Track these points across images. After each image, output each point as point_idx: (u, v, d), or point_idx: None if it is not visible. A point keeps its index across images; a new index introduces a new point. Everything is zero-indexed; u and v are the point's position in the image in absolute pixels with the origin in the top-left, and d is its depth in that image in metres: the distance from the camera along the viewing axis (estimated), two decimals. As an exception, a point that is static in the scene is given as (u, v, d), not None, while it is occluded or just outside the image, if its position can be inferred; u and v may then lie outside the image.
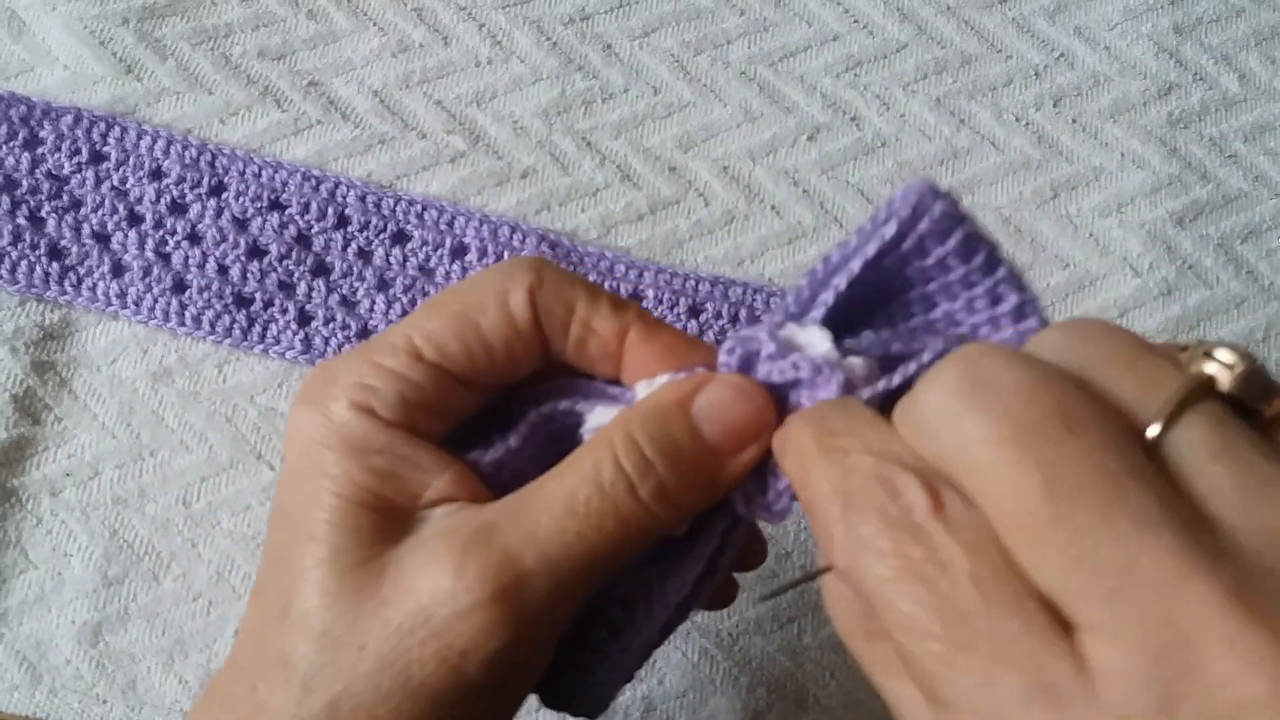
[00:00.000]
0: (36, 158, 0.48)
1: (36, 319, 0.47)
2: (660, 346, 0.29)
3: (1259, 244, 0.53)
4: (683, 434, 0.27)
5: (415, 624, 0.26)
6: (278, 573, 0.28)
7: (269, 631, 0.27)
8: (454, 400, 0.29)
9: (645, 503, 0.27)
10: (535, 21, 0.53)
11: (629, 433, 0.27)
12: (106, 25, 0.51)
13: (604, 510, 0.26)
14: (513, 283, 0.29)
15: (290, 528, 0.28)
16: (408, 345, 0.28)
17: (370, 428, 0.28)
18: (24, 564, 0.45)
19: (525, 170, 0.51)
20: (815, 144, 0.52)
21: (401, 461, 0.28)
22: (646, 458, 0.27)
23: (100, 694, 0.44)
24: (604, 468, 0.27)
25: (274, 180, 0.49)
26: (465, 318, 0.29)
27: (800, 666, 0.46)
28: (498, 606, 0.25)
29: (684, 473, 0.27)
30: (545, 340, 0.29)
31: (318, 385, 0.29)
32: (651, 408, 0.28)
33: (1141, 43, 0.55)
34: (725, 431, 0.27)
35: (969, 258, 0.27)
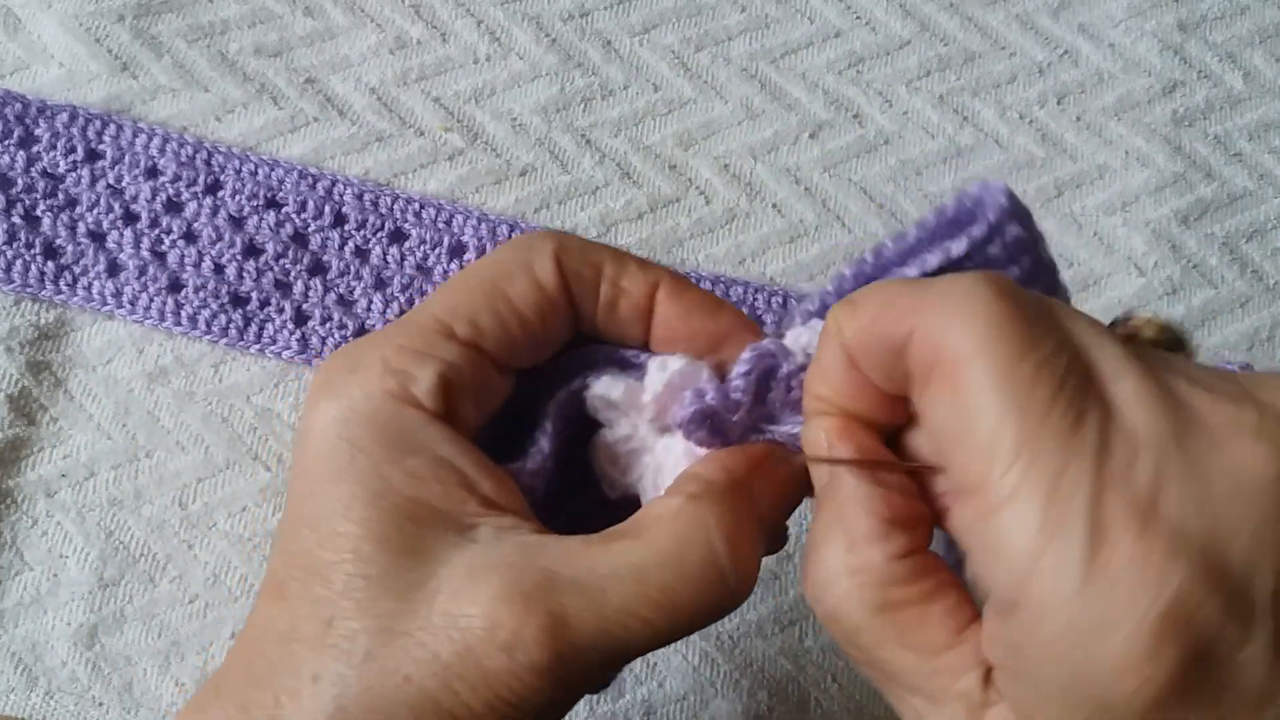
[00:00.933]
0: (31, 156, 0.48)
1: (31, 318, 0.47)
2: (689, 303, 0.28)
3: (1264, 243, 0.52)
4: (755, 514, 0.27)
5: (464, 667, 0.24)
6: (313, 584, 0.26)
7: (303, 646, 0.25)
8: (490, 385, 0.27)
9: (731, 589, 0.26)
10: (534, 18, 0.52)
11: (726, 520, 0.26)
12: (102, 22, 0.50)
13: (679, 599, 0.25)
14: (535, 252, 0.28)
15: (319, 538, 0.26)
16: (436, 324, 0.26)
17: (411, 422, 0.26)
18: (19, 566, 0.45)
19: (524, 168, 0.50)
20: (817, 141, 0.52)
21: (442, 464, 0.26)
22: (742, 544, 0.26)
23: (96, 696, 0.44)
24: (690, 552, 0.25)
25: (270, 178, 0.48)
26: (495, 289, 0.27)
27: (802, 670, 0.46)
28: (550, 671, 0.24)
29: (757, 555, 0.27)
30: (575, 307, 0.28)
31: (339, 375, 0.26)
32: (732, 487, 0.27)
33: (1146, 40, 0.54)
34: (784, 512, 0.28)
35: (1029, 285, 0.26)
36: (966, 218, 0.26)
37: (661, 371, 0.27)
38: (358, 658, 0.25)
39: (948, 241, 0.25)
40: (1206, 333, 0.51)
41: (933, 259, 0.26)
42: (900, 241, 0.27)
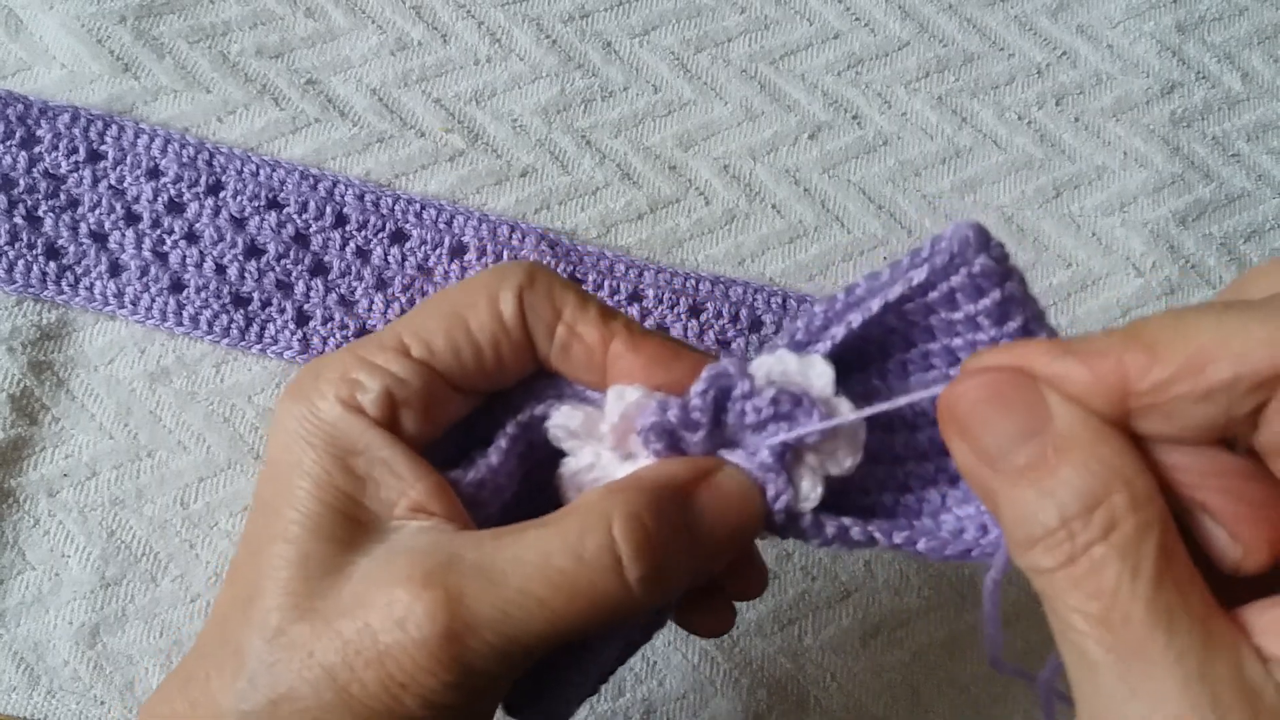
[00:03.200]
0: (34, 156, 0.48)
1: (34, 319, 0.47)
2: (645, 358, 0.28)
3: (1262, 243, 0.52)
4: (685, 523, 0.26)
5: (363, 643, 0.25)
6: (248, 564, 0.28)
7: (231, 621, 0.28)
8: (441, 402, 0.29)
9: (629, 584, 0.26)
10: (534, 19, 0.53)
11: (633, 511, 0.26)
12: (104, 23, 0.50)
13: (577, 584, 0.25)
14: (504, 284, 0.29)
15: (265, 521, 0.28)
16: (396, 342, 0.28)
17: (354, 425, 0.28)
18: (21, 565, 0.45)
19: (524, 169, 0.51)
20: (816, 142, 0.52)
21: (380, 465, 0.28)
22: (648, 541, 0.26)
23: (98, 695, 0.44)
24: (590, 538, 0.26)
25: (272, 179, 0.48)
26: (455, 316, 0.29)
27: (801, 668, 0.46)
28: (442, 648, 0.25)
29: (678, 561, 0.26)
30: (533, 344, 0.29)
31: (306, 379, 0.29)
32: (658, 488, 0.27)
33: (1144, 41, 0.54)
34: (725, 529, 0.27)
35: (1003, 321, 0.25)
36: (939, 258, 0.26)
37: (619, 400, 0.28)
38: (269, 633, 0.26)
39: (910, 271, 0.25)
40: (1204, 333, 0.51)
41: (895, 289, 0.26)
42: (873, 280, 0.27)
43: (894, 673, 0.46)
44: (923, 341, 0.27)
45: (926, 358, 0.28)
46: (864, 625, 0.47)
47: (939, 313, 0.26)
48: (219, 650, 0.27)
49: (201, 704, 0.27)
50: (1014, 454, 0.23)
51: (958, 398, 0.24)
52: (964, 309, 0.26)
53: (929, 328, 0.27)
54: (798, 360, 0.27)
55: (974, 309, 0.25)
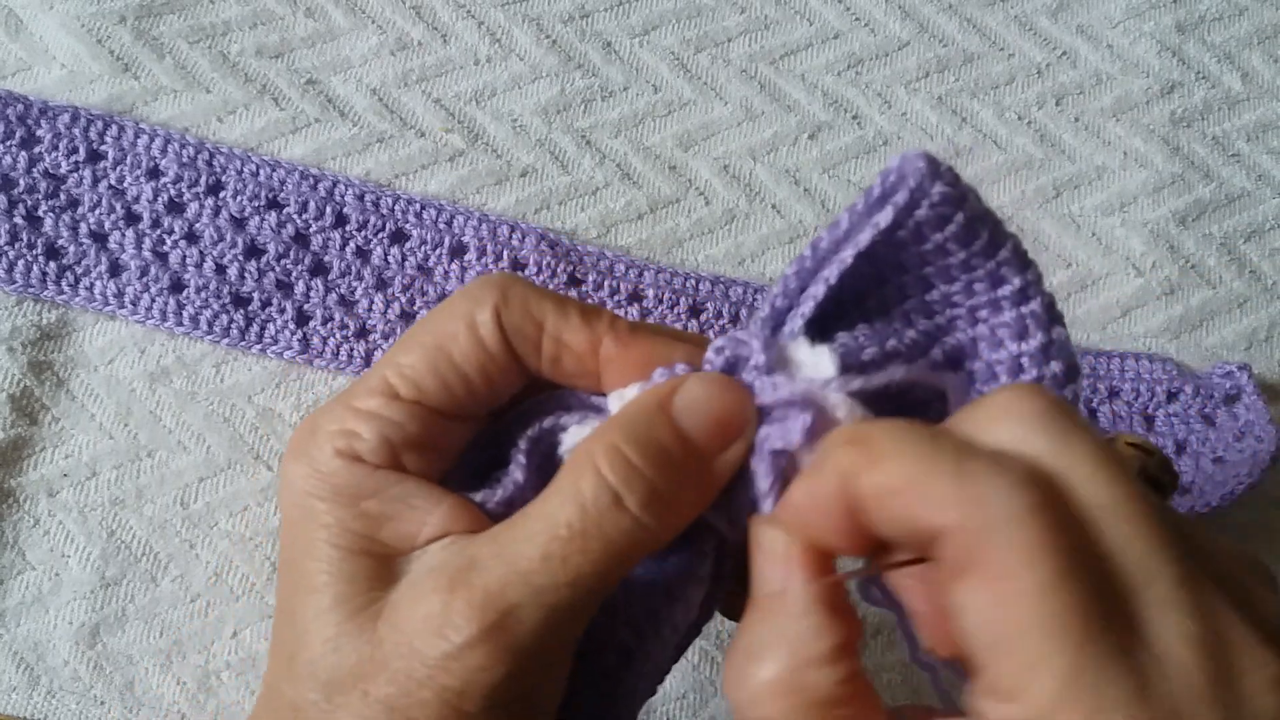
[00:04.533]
0: (33, 156, 0.48)
1: (34, 318, 0.47)
2: (637, 354, 0.28)
3: (1262, 243, 0.52)
4: (667, 435, 0.26)
5: (411, 666, 0.25)
6: (285, 625, 0.28)
7: (280, 682, 0.28)
8: (442, 434, 0.29)
9: (634, 514, 0.26)
10: (534, 19, 0.53)
11: (610, 442, 0.26)
12: (104, 23, 0.50)
13: (588, 530, 0.25)
14: (479, 306, 0.28)
15: (293, 580, 0.28)
16: (383, 386, 0.28)
17: (357, 473, 0.28)
18: (21, 565, 0.45)
19: (524, 169, 0.51)
20: (816, 142, 0.52)
21: (394, 502, 0.28)
22: (632, 465, 0.26)
23: (98, 695, 0.44)
24: (585, 484, 0.26)
25: (272, 179, 0.48)
26: (439, 350, 0.28)
27: (801, 668, 0.46)
28: (487, 643, 0.25)
29: (673, 475, 0.26)
30: (521, 361, 0.29)
31: (303, 437, 0.29)
32: (631, 413, 0.27)
33: (1144, 41, 0.54)
34: (710, 427, 0.27)
35: (969, 241, 0.26)
36: (892, 192, 0.26)
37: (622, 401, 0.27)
38: (319, 685, 0.26)
39: (875, 216, 0.25)
40: (1204, 333, 0.51)
41: (864, 236, 0.26)
42: (833, 230, 0.27)
43: (894, 672, 0.46)
44: (894, 275, 0.27)
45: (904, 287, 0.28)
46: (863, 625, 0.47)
47: (910, 248, 0.26)
48: (275, 713, 0.27)
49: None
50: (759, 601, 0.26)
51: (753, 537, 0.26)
52: (931, 239, 0.26)
53: (898, 262, 0.27)
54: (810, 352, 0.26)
55: (940, 237, 0.25)
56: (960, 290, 0.27)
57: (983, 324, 0.27)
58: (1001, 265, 0.26)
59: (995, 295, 0.26)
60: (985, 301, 0.27)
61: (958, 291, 0.27)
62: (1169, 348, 0.51)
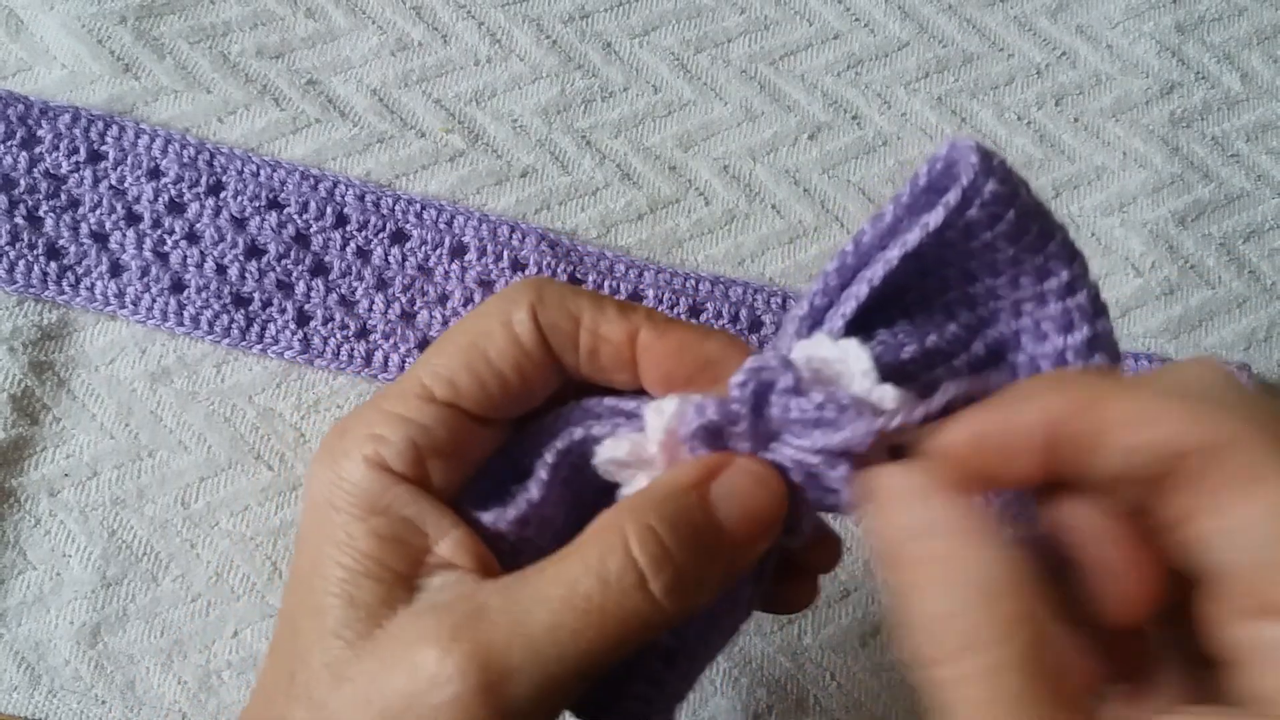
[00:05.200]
0: (34, 157, 0.48)
1: (34, 319, 0.47)
2: (674, 342, 0.28)
3: (1261, 243, 0.52)
4: (702, 522, 0.26)
5: (398, 709, 0.25)
6: (288, 637, 0.28)
7: (277, 695, 0.27)
8: (470, 441, 0.28)
9: (656, 598, 0.25)
10: (535, 20, 0.53)
11: (644, 522, 0.25)
12: (104, 24, 0.50)
13: (606, 607, 0.25)
14: (514, 305, 0.28)
15: (301, 593, 0.28)
16: (418, 388, 0.28)
17: (378, 484, 0.27)
18: (22, 565, 0.45)
19: (525, 169, 0.51)
20: (816, 143, 0.52)
21: (404, 524, 0.27)
22: (664, 549, 0.25)
23: (99, 695, 0.44)
24: (611, 559, 0.25)
25: (272, 179, 0.49)
26: (473, 348, 0.28)
27: (801, 668, 0.46)
28: (480, 702, 0.25)
29: (701, 564, 0.26)
30: (557, 359, 0.29)
31: (332, 440, 0.28)
32: (668, 491, 0.26)
33: (1143, 41, 0.55)
34: (745, 521, 0.26)
35: (1019, 237, 0.25)
36: (939, 183, 0.25)
37: (659, 417, 0.27)
38: (313, 707, 0.26)
39: (924, 215, 0.25)
40: (1204, 333, 0.51)
41: (912, 237, 0.25)
42: (878, 223, 0.26)
43: (893, 672, 0.46)
44: (936, 269, 0.26)
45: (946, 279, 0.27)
46: (863, 625, 0.47)
47: (955, 245, 0.25)
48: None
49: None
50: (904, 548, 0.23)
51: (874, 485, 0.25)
52: (980, 237, 0.25)
53: (941, 257, 0.26)
54: (836, 347, 0.26)
55: (990, 235, 0.25)
56: (1006, 283, 0.26)
57: (1027, 316, 0.26)
58: (1050, 259, 0.25)
59: (1041, 288, 0.26)
60: (1031, 294, 0.26)
61: (1003, 284, 0.26)
62: (1168, 348, 0.51)
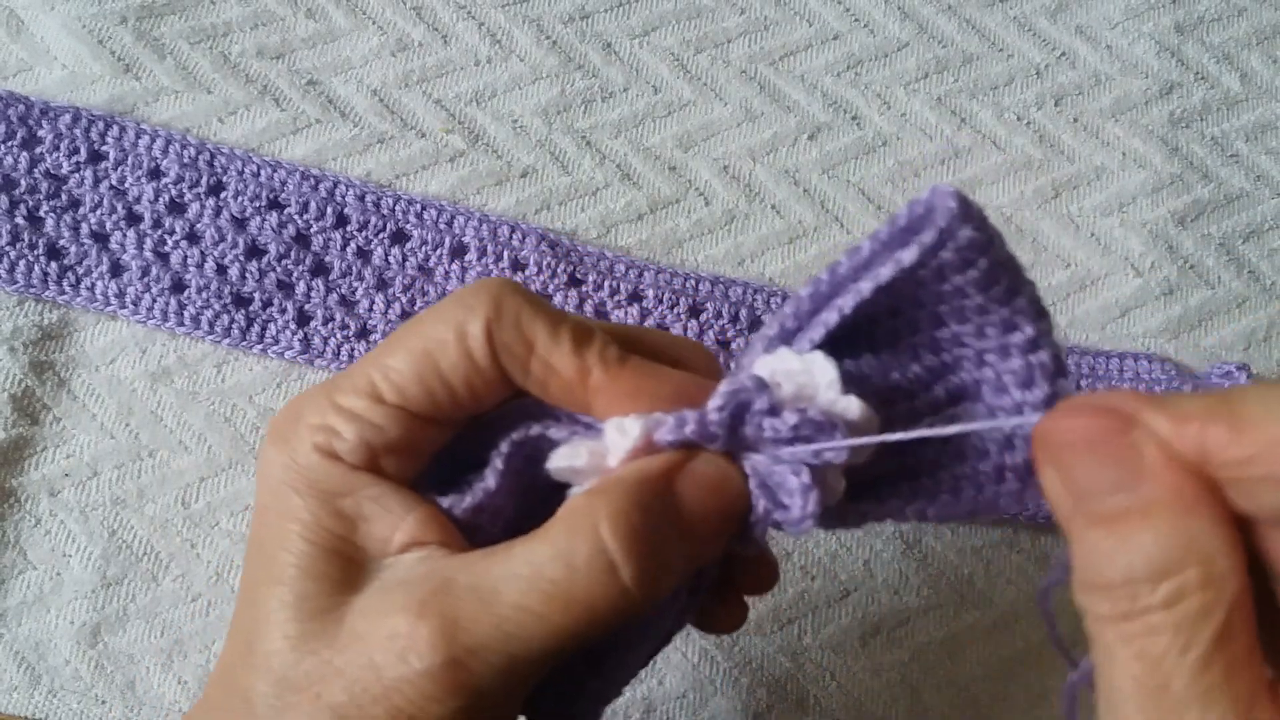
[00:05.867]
0: (35, 157, 0.48)
1: (35, 319, 0.47)
2: (626, 387, 0.28)
3: (1260, 243, 0.52)
4: (671, 512, 0.26)
5: (368, 680, 0.25)
6: (246, 612, 0.28)
7: (236, 669, 0.28)
8: (421, 437, 0.29)
9: (625, 585, 0.25)
10: (535, 20, 0.53)
11: (618, 508, 0.26)
12: (105, 24, 0.50)
13: (572, 592, 0.25)
14: (471, 315, 0.28)
15: (260, 566, 0.28)
16: (369, 387, 0.28)
17: (334, 471, 0.27)
18: (23, 564, 0.45)
19: (525, 169, 0.51)
20: (816, 143, 0.52)
21: (368, 504, 0.27)
22: (636, 535, 0.26)
23: (99, 694, 0.44)
24: (580, 545, 0.25)
25: (273, 179, 0.49)
26: (426, 357, 0.28)
27: (800, 668, 0.46)
28: (447, 676, 0.25)
29: (668, 552, 0.26)
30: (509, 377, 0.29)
31: (285, 423, 0.28)
32: (637, 481, 0.26)
33: (1143, 42, 0.55)
34: (711, 511, 0.27)
35: (988, 286, 0.25)
36: (918, 225, 0.25)
37: (623, 436, 0.27)
38: (274, 678, 0.26)
39: (899, 251, 0.25)
40: (1203, 333, 0.51)
41: (885, 271, 0.25)
42: (854, 256, 0.26)
43: (893, 672, 0.46)
44: (906, 308, 0.27)
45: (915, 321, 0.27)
46: (863, 625, 0.47)
47: (928, 286, 0.26)
48: (227, 699, 0.27)
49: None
50: (1100, 501, 0.23)
51: (1059, 431, 0.24)
52: (951, 281, 0.25)
53: (913, 297, 0.27)
54: (800, 360, 0.27)
55: (961, 280, 0.25)
56: (971, 332, 0.27)
57: (989, 368, 0.27)
58: (1016, 313, 0.26)
59: (1005, 341, 0.26)
60: (995, 346, 0.26)
61: (968, 333, 0.27)
62: (1168, 348, 0.51)
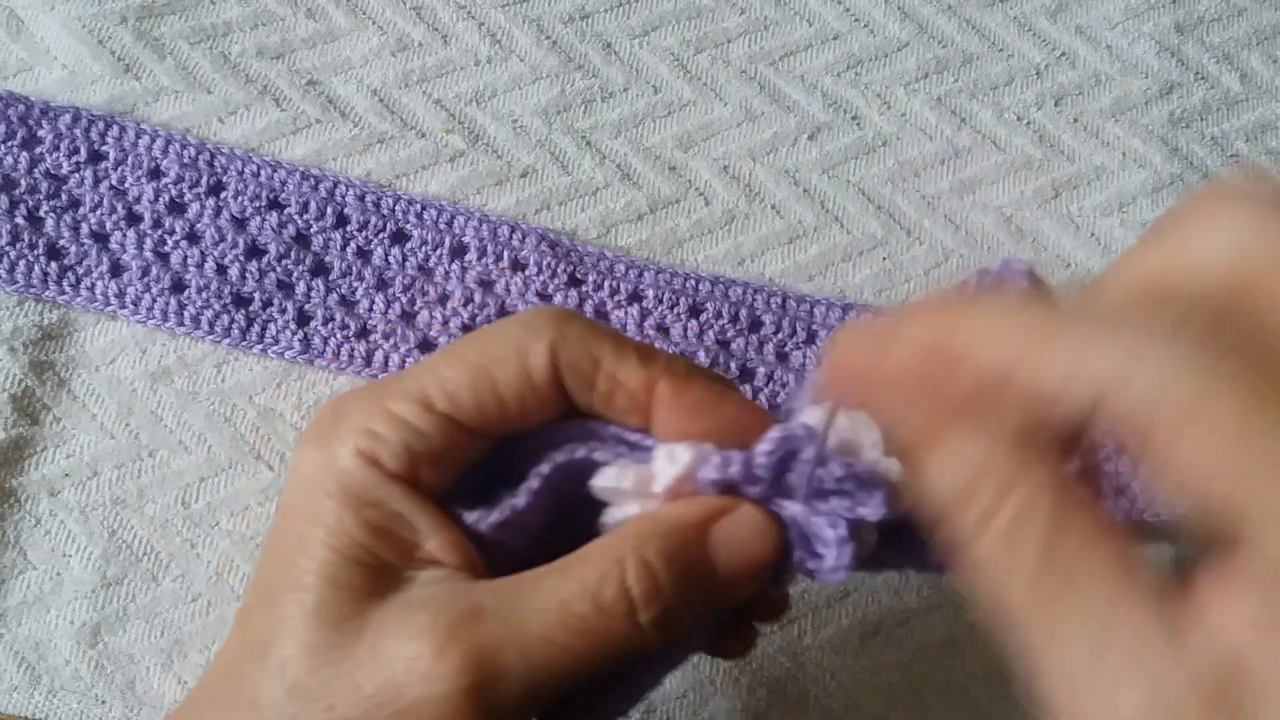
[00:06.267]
0: (35, 157, 0.48)
1: (35, 319, 0.47)
2: (691, 401, 0.28)
3: (1260, 244, 0.52)
4: (699, 563, 0.27)
5: (386, 698, 0.25)
6: (262, 611, 0.28)
7: (245, 669, 0.27)
8: (462, 449, 0.29)
9: (643, 628, 0.26)
10: (535, 20, 0.53)
11: (642, 556, 0.26)
12: (105, 24, 0.50)
13: (596, 629, 0.26)
14: (535, 337, 0.28)
15: (280, 567, 0.28)
16: (420, 393, 0.28)
17: (371, 478, 0.27)
18: (22, 564, 0.45)
19: (525, 169, 0.51)
20: (816, 143, 0.52)
21: (396, 518, 0.28)
22: (657, 584, 0.26)
23: (99, 694, 0.44)
24: (607, 586, 0.26)
25: (273, 179, 0.49)
26: (482, 370, 0.28)
27: (801, 667, 0.46)
28: (469, 701, 0.25)
29: (690, 601, 0.27)
30: (565, 395, 0.29)
31: (327, 422, 0.28)
32: (670, 527, 0.27)
33: (1143, 42, 0.55)
34: (739, 568, 0.27)
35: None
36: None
37: (671, 464, 0.27)
38: (287, 684, 0.26)
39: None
40: (1203, 333, 0.51)
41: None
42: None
43: (893, 672, 0.46)
44: None
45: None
46: (863, 625, 0.47)
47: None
48: (232, 698, 0.27)
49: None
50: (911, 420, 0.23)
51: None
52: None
53: None
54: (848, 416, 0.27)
55: None
56: None
57: None
58: None
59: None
60: None
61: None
62: (1168, 348, 0.51)
